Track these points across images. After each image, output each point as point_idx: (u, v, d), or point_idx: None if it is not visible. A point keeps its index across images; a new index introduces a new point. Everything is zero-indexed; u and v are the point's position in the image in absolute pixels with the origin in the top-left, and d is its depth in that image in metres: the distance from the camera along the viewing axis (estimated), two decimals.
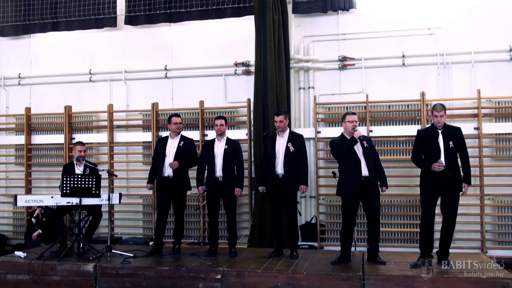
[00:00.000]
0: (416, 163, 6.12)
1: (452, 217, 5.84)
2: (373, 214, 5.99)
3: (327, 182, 8.08)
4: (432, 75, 8.02)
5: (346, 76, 8.35)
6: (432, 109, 5.91)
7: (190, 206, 8.23)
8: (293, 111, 8.32)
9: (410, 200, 7.81)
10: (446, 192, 5.80)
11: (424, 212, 5.92)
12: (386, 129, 7.80)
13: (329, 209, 8.22)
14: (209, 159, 6.69)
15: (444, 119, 5.88)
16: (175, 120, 6.91)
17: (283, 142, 6.46)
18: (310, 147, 8.15)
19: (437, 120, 5.85)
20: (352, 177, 5.94)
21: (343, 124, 6.14)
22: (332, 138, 6.27)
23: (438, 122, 5.85)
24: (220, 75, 8.73)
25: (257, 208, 7.90)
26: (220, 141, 6.76)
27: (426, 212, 5.88)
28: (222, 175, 6.61)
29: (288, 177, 6.35)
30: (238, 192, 6.65)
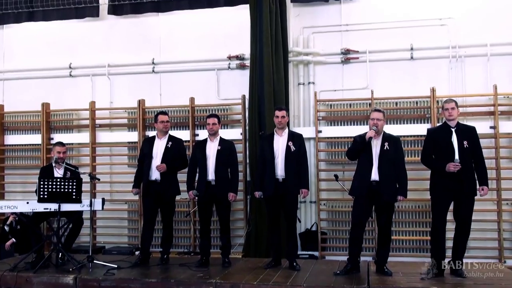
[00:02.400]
0: (426, 165, 6.10)
1: (466, 224, 5.83)
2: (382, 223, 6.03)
3: (329, 186, 8.05)
4: (443, 70, 8.00)
5: (349, 71, 8.32)
6: (443, 105, 5.91)
7: (179, 213, 8.19)
8: (292, 108, 8.29)
9: (420, 206, 7.79)
10: (459, 196, 5.77)
11: (435, 218, 5.91)
12: (393, 128, 7.72)
13: (331, 215, 8.18)
14: (201, 161, 6.67)
15: (456, 113, 5.89)
16: (162, 118, 6.88)
17: (283, 141, 6.44)
18: (310, 147, 8.11)
19: (449, 113, 5.83)
20: (360, 180, 6.00)
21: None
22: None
23: (449, 115, 5.83)
24: (212, 69, 8.69)
25: (252, 214, 7.87)
26: (213, 141, 6.73)
27: (438, 218, 5.86)
28: (214, 179, 6.58)
29: (289, 180, 6.33)
30: (232, 197, 6.62)
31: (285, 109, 6.60)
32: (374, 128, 5.93)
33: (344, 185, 7.28)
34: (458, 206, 5.83)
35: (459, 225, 5.88)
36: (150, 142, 6.95)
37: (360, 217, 6.03)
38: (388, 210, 5.98)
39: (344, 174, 7.93)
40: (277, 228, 6.57)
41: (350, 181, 6.36)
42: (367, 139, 5.87)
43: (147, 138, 7.47)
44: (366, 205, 6.00)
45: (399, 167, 6.00)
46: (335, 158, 8.16)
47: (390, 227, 6.13)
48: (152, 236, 6.98)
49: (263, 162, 6.53)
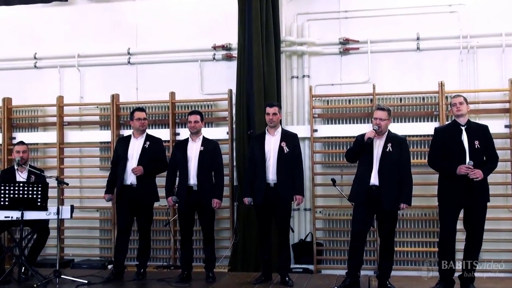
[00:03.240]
0: (434, 167, 6.14)
1: (477, 234, 5.86)
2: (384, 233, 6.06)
3: (325, 192, 8.04)
4: (453, 62, 8.02)
5: (348, 63, 8.33)
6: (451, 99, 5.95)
7: (158, 221, 8.15)
8: (284, 104, 8.29)
9: (427, 213, 7.80)
10: (470, 203, 5.79)
11: (443, 228, 5.94)
12: (397, 126, 7.72)
13: (327, 224, 8.17)
14: (181, 163, 6.68)
15: (466, 109, 5.95)
16: (138, 115, 6.89)
17: (275, 141, 6.46)
18: (304, 148, 8.10)
19: (457, 108, 5.90)
20: (359, 184, 6.04)
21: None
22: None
23: (458, 110, 5.90)
24: (195, 60, 8.67)
25: (240, 223, 7.85)
26: (195, 141, 6.74)
27: (446, 227, 5.90)
28: (197, 183, 6.60)
29: (282, 185, 6.34)
30: (217, 204, 6.64)
31: (277, 105, 6.61)
32: (375, 128, 5.95)
33: (343, 191, 7.27)
34: (468, 214, 5.86)
35: (470, 235, 5.91)
36: (125, 142, 6.97)
37: (360, 226, 6.04)
38: (391, 218, 6.00)
39: (342, 178, 7.92)
40: (267, 239, 6.58)
41: (349, 186, 6.37)
42: (366, 140, 5.89)
43: (121, 138, 7.46)
44: (366, 213, 6.02)
45: (404, 171, 6.01)
46: (333, 160, 8.15)
47: (393, 238, 6.15)
48: (127, 248, 6.98)
49: (253, 164, 6.54)
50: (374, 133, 5.93)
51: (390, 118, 6.14)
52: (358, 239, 6.08)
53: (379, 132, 5.98)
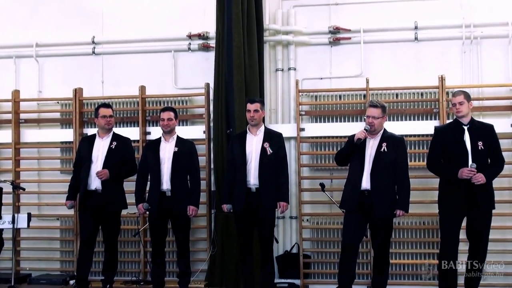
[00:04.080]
0: (433, 171, 6.18)
1: (482, 244, 5.90)
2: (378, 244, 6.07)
3: (313, 198, 8.06)
4: (455, 54, 8.06)
5: (339, 54, 8.35)
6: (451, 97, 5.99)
7: (126, 231, 8.14)
8: (268, 100, 8.29)
9: (425, 222, 7.83)
10: (473, 210, 5.83)
11: (444, 238, 5.99)
12: (393, 125, 7.72)
13: (315, 234, 8.19)
14: (153, 166, 6.69)
15: (467, 108, 6.00)
16: (104, 112, 6.88)
17: (257, 141, 6.47)
18: (290, 149, 8.12)
19: (456, 109, 5.95)
20: (350, 189, 6.07)
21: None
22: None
23: (458, 111, 5.94)
24: (168, 51, 8.66)
25: (218, 233, 7.83)
26: (168, 141, 6.75)
27: (447, 237, 5.96)
28: (170, 188, 6.62)
29: (264, 191, 6.35)
30: (193, 211, 6.65)
31: (258, 101, 6.62)
32: (366, 127, 5.97)
33: (332, 197, 7.30)
34: (472, 222, 5.91)
35: (473, 246, 5.95)
36: (89, 142, 6.97)
37: (352, 236, 6.06)
38: (385, 227, 6.02)
39: (332, 182, 7.96)
40: (248, 251, 6.59)
41: (340, 191, 6.40)
42: (355, 141, 5.91)
43: (85, 137, 7.45)
44: (358, 221, 6.04)
45: (401, 173, 6.04)
46: (321, 163, 8.17)
47: (388, 249, 6.18)
48: (91, 261, 6.97)
49: (232, 167, 6.56)
50: (365, 133, 5.94)
51: (385, 115, 6.17)
52: (349, 250, 6.10)
53: (371, 131, 6.00)
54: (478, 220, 5.89)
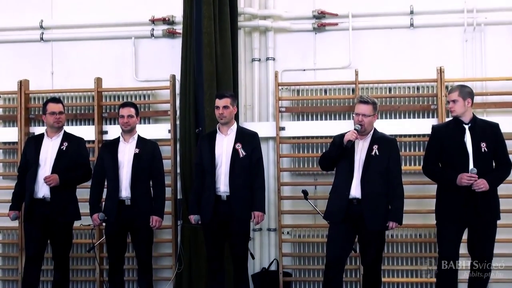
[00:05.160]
0: (429, 176, 6.22)
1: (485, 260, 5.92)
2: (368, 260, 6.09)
3: (295, 207, 8.10)
4: (456, 42, 8.12)
5: (324, 42, 8.39)
6: None
7: (79, 246, 8.15)
8: (242, 95, 8.33)
9: (421, 235, 7.89)
10: (476, 221, 5.88)
11: (442, 252, 6.00)
12: (385, 124, 7.79)
13: (297, 248, 8.22)
14: (111, 170, 6.69)
15: (461, 108, 5.99)
16: (53, 108, 6.83)
17: (228, 142, 6.48)
18: (268, 151, 8.18)
19: (449, 108, 5.97)
20: (336, 198, 6.09)
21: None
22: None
23: (450, 110, 5.97)
24: (128, 37, 8.66)
25: (185, 248, 7.86)
26: (128, 141, 6.75)
27: (446, 252, 5.97)
28: (130, 196, 6.61)
29: (236, 199, 6.35)
30: (157, 222, 6.65)
31: (229, 96, 6.58)
32: (356, 127, 5.99)
33: (317, 206, 7.33)
34: (474, 234, 5.94)
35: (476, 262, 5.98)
36: (36, 143, 6.90)
37: (338, 251, 6.07)
38: (377, 241, 6.03)
39: (316, 189, 8.01)
40: (220, 268, 6.57)
41: (325, 199, 6.41)
42: (345, 143, 5.92)
43: (31, 137, 7.40)
44: (346, 234, 6.05)
45: (394, 180, 6.06)
46: (304, 167, 8.21)
47: (380, 266, 6.19)
48: (39, 280, 6.92)
49: (201, 172, 6.56)
50: (355, 134, 5.94)
51: (376, 113, 6.18)
52: (335, 267, 6.11)
53: (361, 131, 6.02)
54: (481, 232, 5.91)
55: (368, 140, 6.09)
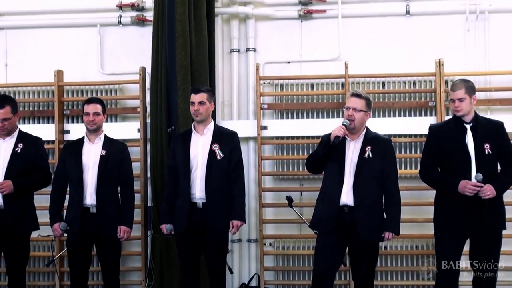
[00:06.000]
0: (427, 181, 6.24)
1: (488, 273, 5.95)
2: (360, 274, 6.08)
3: (278, 215, 8.13)
4: (457, 32, 8.17)
5: (311, 32, 8.43)
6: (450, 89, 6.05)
7: (37, 259, 8.14)
8: (220, 90, 8.36)
9: (419, 246, 7.93)
10: (479, 231, 5.91)
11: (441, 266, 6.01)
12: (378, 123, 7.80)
13: (280, 261, 8.25)
14: (74, 174, 6.64)
15: (468, 105, 5.97)
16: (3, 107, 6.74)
17: (204, 143, 6.48)
18: (249, 153, 8.22)
19: (455, 107, 5.94)
20: (325, 205, 6.06)
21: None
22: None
23: (456, 109, 5.94)
24: (92, 25, 8.65)
25: (156, 261, 7.86)
26: (93, 142, 6.71)
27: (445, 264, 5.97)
28: (95, 203, 6.57)
29: (213, 206, 6.35)
30: (124, 232, 6.62)
31: (205, 91, 6.56)
32: (345, 122, 5.97)
33: (302, 214, 7.34)
34: (477, 246, 5.96)
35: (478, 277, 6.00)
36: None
37: (326, 265, 6.07)
38: (370, 253, 6.03)
39: (302, 195, 8.06)
40: (194, 283, 6.56)
41: (312, 207, 6.41)
42: (332, 140, 5.91)
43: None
44: (335, 246, 6.04)
45: (389, 185, 6.05)
46: (288, 170, 8.23)
47: (373, 281, 6.16)
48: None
49: (174, 176, 6.56)
50: (343, 129, 5.92)
51: (369, 111, 6.15)
52: (322, 282, 6.10)
53: (351, 128, 6.00)
54: (485, 243, 5.92)
55: (360, 141, 6.06)
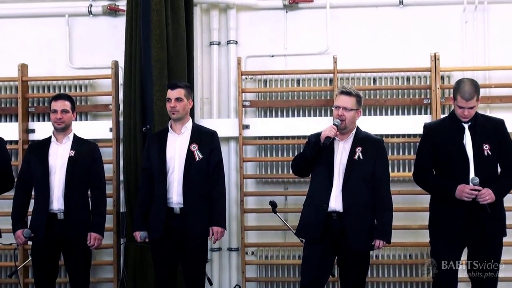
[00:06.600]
0: (422, 185, 6.25)
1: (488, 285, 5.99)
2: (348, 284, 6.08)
3: (261, 221, 8.16)
4: (454, 24, 8.22)
5: (297, 23, 8.45)
6: (455, 89, 5.98)
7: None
8: (199, 86, 8.37)
9: (411, 255, 7.96)
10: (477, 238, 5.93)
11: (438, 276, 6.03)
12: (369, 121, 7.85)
13: (263, 272, 8.27)
14: (39, 177, 6.62)
15: (475, 110, 5.99)
16: None
17: (182, 143, 6.48)
18: (229, 154, 8.25)
19: (462, 113, 5.91)
20: (311, 211, 6.06)
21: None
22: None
23: (464, 116, 5.93)
24: (60, 15, 8.64)
25: (130, 271, 7.85)
26: (61, 142, 6.70)
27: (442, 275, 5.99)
28: (63, 209, 6.54)
29: (191, 212, 6.34)
30: (95, 240, 6.61)
31: (183, 86, 6.56)
32: (336, 122, 5.97)
33: (287, 220, 7.35)
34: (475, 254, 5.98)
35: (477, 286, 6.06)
36: None
37: (314, 275, 6.06)
38: (360, 263, 6.03)
39: (287, 200, 8.08)
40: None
41: (298, 213, 6.41)
42: (322, 141, 5.91)
43: None
44: (323, 255, 6.04)
45: (380, 189, 6.05)
46: (272, 173, 8.27)
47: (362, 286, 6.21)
48: None
49: (149, 180, 6.55)
50: (334, 130, 5.92)
51: (360, 108, 6.14)
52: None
53: (342, 128, 6.01)
54: (484, 252, 5.93)
55: (350, 141, 6.06)
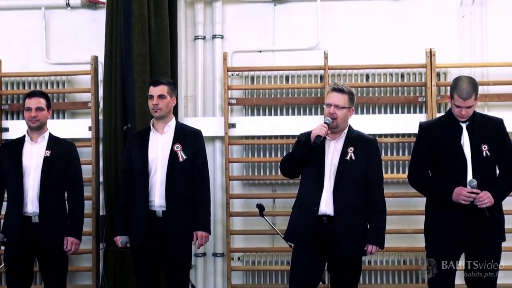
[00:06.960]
0: (417, 187, 6.24)
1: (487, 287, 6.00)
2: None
3: (248, 226, 8.17)
4: (450, 19, 8.24)
5: (286, 17, 8.46)
6: (452, 88, 5.97)
7: None
8: (182, 82, 8.37)
9: (405, 260, 7.98)
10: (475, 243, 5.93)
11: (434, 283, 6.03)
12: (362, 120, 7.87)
13: (250, 278, 8.30)
14: (12, 178, 6.60)
15: (473, 109, 5.99)
16: None
17: (165, 143, 6.47)
18: (215, 154, 8.26)
19: (460, 113, 5.91)
20: (301, 214, 6.04)
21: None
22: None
23: (461, 115, 5.92)
24: (36, 7, 8.64)
25: (109, 278, 7.84)
26: (36, 142, 6.67)
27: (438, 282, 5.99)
28: (38, 212, 6.51)
29: (174, 215, 6.34)
30: (72, 245, 6.58)
31: (166, 83, 6.55)
32: (327, 121, 5.96)
33: (275, 224, 7.34)
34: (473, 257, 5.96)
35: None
36: None
37: (303, 282, 6.06)
38: (352, 269, 6.02)
39: (275, 203, 8.08)
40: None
41: (286, 216, 6.40)
42: (313, 140, 5.89)
43: None
44: (313, 261, 6.03)
45: (373, 191, 6.04)
46: (259, 175, 8.28)
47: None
48: None
49: (130, 181, 6.54)
50: (325, 129, 5.91)
51: (352, 106, 6.13)
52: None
53: (333, 127, 5.99)
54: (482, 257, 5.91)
55: (341, 140, 6.04)
